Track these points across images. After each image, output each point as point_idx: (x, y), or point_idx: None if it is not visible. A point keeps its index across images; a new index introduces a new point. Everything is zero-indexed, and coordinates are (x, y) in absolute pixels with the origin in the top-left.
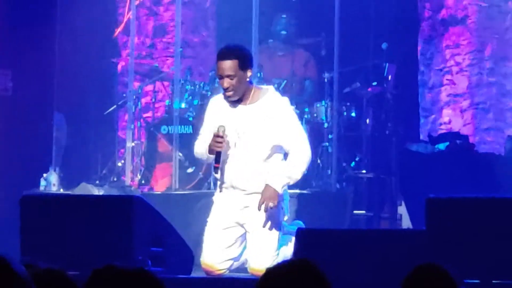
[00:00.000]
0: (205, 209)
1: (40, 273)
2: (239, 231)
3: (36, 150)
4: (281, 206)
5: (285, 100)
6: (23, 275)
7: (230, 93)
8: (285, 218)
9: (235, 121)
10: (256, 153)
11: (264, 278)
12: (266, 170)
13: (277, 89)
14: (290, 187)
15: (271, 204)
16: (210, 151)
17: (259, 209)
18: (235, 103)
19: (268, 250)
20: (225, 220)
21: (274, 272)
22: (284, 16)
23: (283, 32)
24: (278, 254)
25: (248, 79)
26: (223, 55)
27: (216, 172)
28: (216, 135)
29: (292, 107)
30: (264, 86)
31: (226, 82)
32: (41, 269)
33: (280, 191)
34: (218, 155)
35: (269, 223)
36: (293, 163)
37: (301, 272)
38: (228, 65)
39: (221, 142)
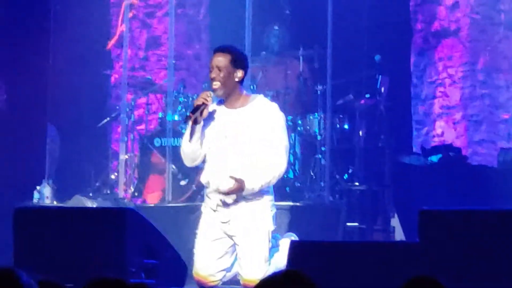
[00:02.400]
0: (198, 221)
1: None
2: (229, 242)
3: (30, 163)
4: (269, 217)
5: (274, 106)
6: None
7: (216, 85)
8: (272, 228)
9: (223, 124)
10: (243, 156)
11: None
12: (252, 173)
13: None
14: (282, 199)
15: (232, 196)
16: (193, 109)
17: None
18: (224, 107)
19: (259, 261)
20: (214, 232)
21: (267, 284)
22: (276, 28)
23: (276, 44)
24: (269, 264)
25: (237, 80)
26: (218, 49)
27: (186, 122)
28: (205, 92)
29: (282, 114)
30: (255, 94)
31: (214, 73)
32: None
33: (246, 189)
34: (196, 108)
35: (258, 235)
36: (269, 168)
37: (294, 284)
38: (220, 57)
39: (205, 99)
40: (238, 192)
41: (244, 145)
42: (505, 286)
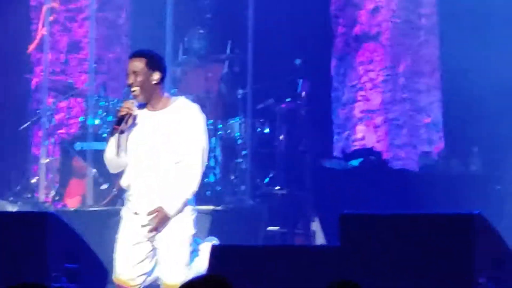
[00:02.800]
0: (118, 226)
1: None
2: (149, 246)
3: None
4: (190, 221)
5: (195, 107)
6: None
7: (134, 91)
8: (193, 232)
9: (142, 127)
10: (163, 159)
11: None
12: (173, 176)
13: None
14: (203, 203)
15: (159, 229)
16: (117, 120)
17: (148, 232)
18: (146, 110)
19: (179, 266)
20: (134, 236)
21: None
22: (197, 31)
23: (198, 48)
24: (190, 268)
25: (155, 82)
26: (132, 54)
27: (112, 134)
28: (127, 102)
29: (202, 115)
30: (176, 96)
31: (131, 78)
32: None
33: (172, 215)
34: (121, 119)
35: (178, 238)
36: (185, 181)
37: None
38: (135, 62)
39: (129, 108)
40: (164, 221)
41: (162, 147)
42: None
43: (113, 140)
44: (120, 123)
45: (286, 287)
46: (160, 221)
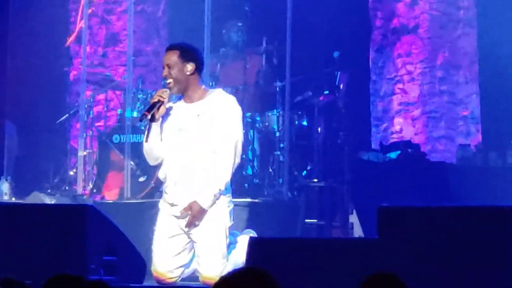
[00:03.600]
0: (156, 218)
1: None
2: (186, 238)
3: None
4: (226, 213)
5: (232, 98)
6: None
7: (169, 83)
8: (229, 224)
9: (179, 118)
10: (199, 150)
11: (217, 286)
12: (210, 166)
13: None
14: (241, 195)
15: (197, 222)
16: (148, 107)
17: (186, 227)
18: (183, 101)
19: (217, 258)
20: (171, 228)
21: (227, 281)
22: (236, 24)
23: (236, 40)
24: (227, 260)
25: (189, 73)
26: (167, 47)
27: (141, 120)
28: (160, 90)
29: (238, 107)
30: (214, 89)
31: (165, 71)
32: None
33: (207, 208)
34: (152, 106)
35: (214, 231)
36: (217, 173)
37: (254, 280)
38: (169, 55)
39: (161, 96)
40: (200, 215)
41: (198, 138)
42: (462, 281)
43: (147, 128)
44: (151, 109)
45: (323, 280)
46: (196, 214)
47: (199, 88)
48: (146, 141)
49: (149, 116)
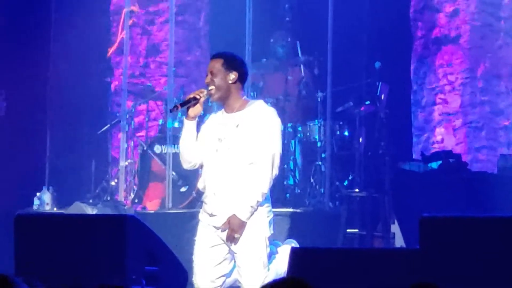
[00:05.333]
0: (197, 228)
1: None
2: (226, 248)
3: (30, 169)
4: (265, 223)
5: (271, 110)
6: None
7: (211, 90)
8: (269, 234)
9: (217, 127)
10: (237, 158)
11: None
12: (248, 177)
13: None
14: (283, 205)
15: (237, 235)
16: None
17: (227, 241)
18: (224, 111)
19: (258, 269)
20: (211, 238)
21: None
22: (282, 35)
23: (280, 51)
24: (268, 270)
25: (231, 82)
26: (212, 55)
27: (171, 111)
28: (200, 90)
29: (278, 120)
30: (255, 100)
31: (208, 78)
32: None
33: (246, 220)
34: (187, 102)
35: (254, 241)
36: (254, 184)
37: None
38: (213, 62)
39: (198, 94)
40: (240, 228)
41: (237, 148)
42: None
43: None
44: (183, 105)
45: None
46: (235, 228)
47: (240, 98)
48: (183, 138)
49: (179, 109)
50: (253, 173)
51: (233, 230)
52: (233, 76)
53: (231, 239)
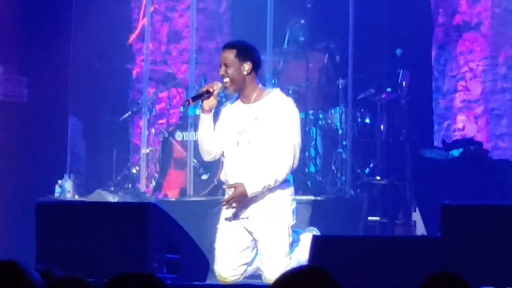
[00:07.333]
0: (219, 216)
1: (58, 281)
2: (249, 236)
3: (51, 157)
4: (289, 212)
5: (288, 100)
6: (37, 282)
7: (226, 82)
8: (292, 223)
9: (236, 119)
10: (258, 151)
11: (276, 283)
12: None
13: (291, 94)
14: (304, 193)
15: (234, 204)
16: (195, 95)
17: (223, 205)
18: (240, 102)
19: (280, 257)
20: (234, 226)
21: (287, 278)
22: (299, 21)
23: (299, 38)
24: (290, 259)
25: (246, 73)
26: (224, 45)
27: (183, 105)
28: (214, 82)
29: (295, 110)
30: (271, 88)
31: (222, 70)
32: (58, 276)
33: (249, 194)
34: (199, 95)
35: (277, 230)
36: (271, 169)
37: (315, 280)
38: (226, 53)
39: (211, 87)
40: (241, 199)
41: (256, 139)
42: None
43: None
44: (196, 98)
45: (386, 278)
46: (236, 195)
47: (256, 87)
48: (198, 131)
49: (191, 103)
50: (271, 161)
51: (234, 197)
52: (247, 66)
53: (227, 203)
